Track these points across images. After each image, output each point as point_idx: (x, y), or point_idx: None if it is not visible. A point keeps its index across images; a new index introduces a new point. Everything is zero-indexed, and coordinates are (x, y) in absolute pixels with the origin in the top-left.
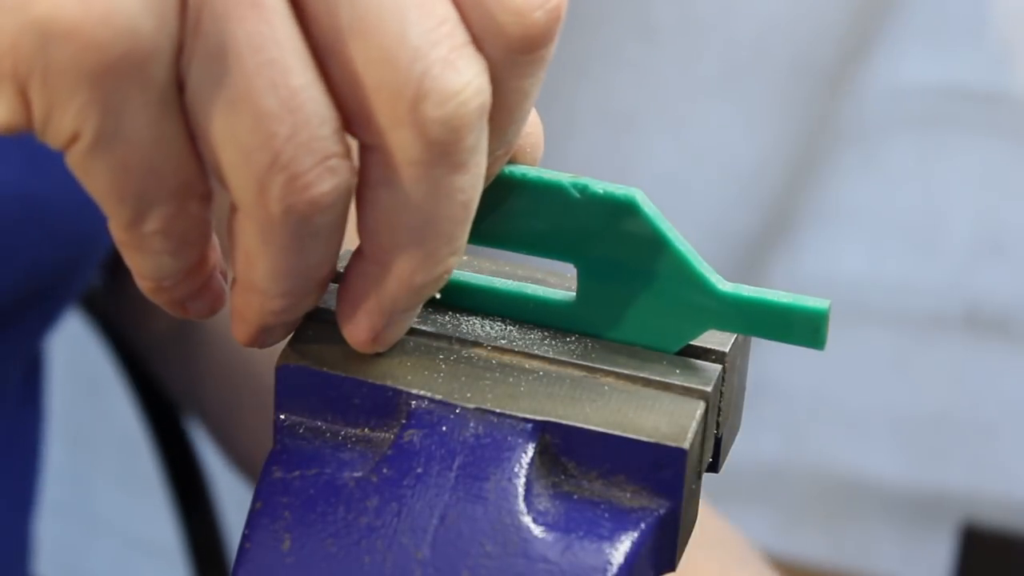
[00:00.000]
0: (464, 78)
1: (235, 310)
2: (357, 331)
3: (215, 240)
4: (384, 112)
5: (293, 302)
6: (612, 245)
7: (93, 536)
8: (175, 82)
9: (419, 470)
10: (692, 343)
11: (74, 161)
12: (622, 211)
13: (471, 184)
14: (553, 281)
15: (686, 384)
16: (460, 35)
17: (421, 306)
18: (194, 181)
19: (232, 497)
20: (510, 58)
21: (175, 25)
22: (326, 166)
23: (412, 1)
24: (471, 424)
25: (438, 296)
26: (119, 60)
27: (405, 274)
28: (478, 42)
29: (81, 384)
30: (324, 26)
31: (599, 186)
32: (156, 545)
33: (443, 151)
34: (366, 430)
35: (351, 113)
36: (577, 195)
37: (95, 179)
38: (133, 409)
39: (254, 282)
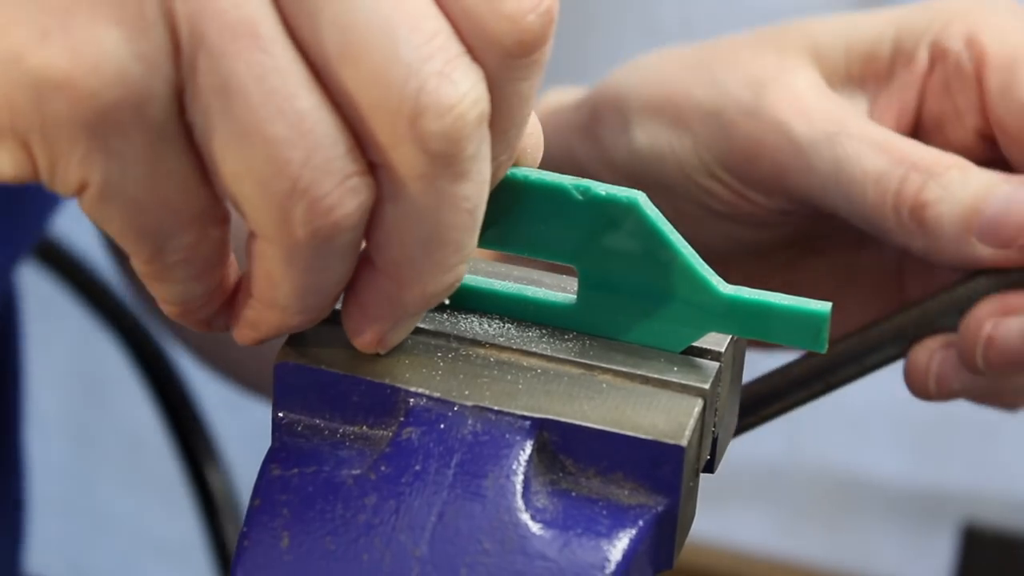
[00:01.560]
0: (460, 89)
1: (247, 320)
2: (364, 335)
3: (231, 255)
4: (384, 131)
5: (312, 317)
6: (614, 247)
7: (98, 534)
8: (178, 121)
9: (417, 468)
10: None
11: (87, 208)
12: (624, 213)
13: (476, 192)
14: (548, 281)
15: (684, 382)
16: (453, 47)
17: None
18: (210, 208)
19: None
20: (506, 63)
21: (169, 67)
22: (347, 186)
23: (400, 18)
24: (469, 422)
25: (447, 302)
26: (113, 107)
27: (416, 284)
28: (473, 51)
29: (85, 383)
30: (315, 52)
31: (601, 188)
32: (161, 542)
33: (445, 163)
34: (364, 428)
35: (354, 133)
36: (579, 197)
37: (111, 223)
38: (137, 407)
39: (275, 301)
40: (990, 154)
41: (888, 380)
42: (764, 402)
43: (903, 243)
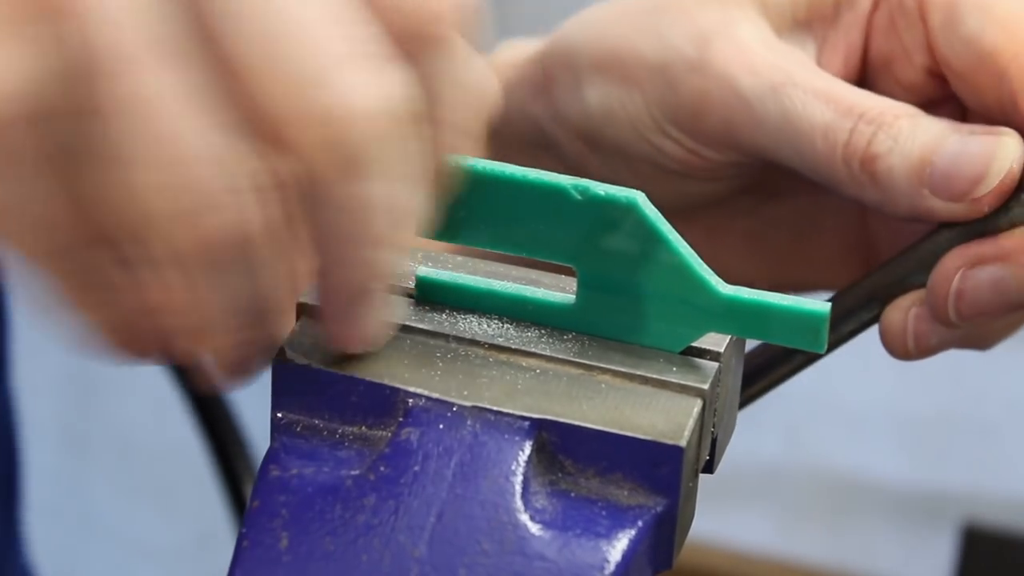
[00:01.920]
0: (374, 91)
1: (206, 362)
2: (336, 337)
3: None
4: (296, 138)
5: (249, 335)
6: (612, 247)
7: (89, 539)
8: (73, 140)
9: (416, 468)
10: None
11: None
12: (623, 213)
13: (396, 191)
14: (547, 282)
15: (683, 382)
16: (365, 46)
17: (389, 295)
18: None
19: None
20: (425, 50)
21: (61, 86)
22: (227, 204)
23: (308, 20)
24: (468, 422)
25: (446, 303)
26: (4, 125)
27: (352, 281)
28: (390, 44)
29: (77, 387)
30: (217, 62)
31: (600, 188)
32: (152, 548)
33: (359, 166)
34: (363, 428)
35: (266, 140)
36: (578, 197)
37: (13, 244)
38: (129, 413)
39: (201, 328)
40: (941, 92)
41: (888, 380)
42: (747, 381)
43: (856, 195)
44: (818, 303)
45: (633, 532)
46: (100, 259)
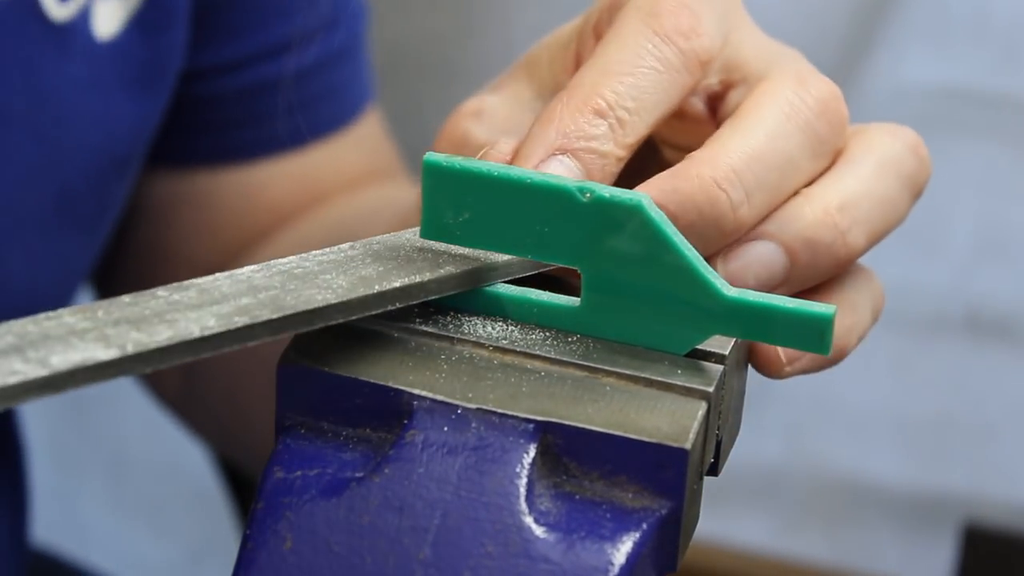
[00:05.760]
0: None
1: None
2: None
3: None
4: None
5: None
6: (617, 250)
7: (82, 556)
8: None
9: (421, 470)
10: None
11: None
12: (628, 216)
13: None
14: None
15: (688, 384)
16: None
17: None
18: None
19: None
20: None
21: None
22: None
23: None
24: (473, 424)
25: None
26: None
27: None
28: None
29: (68, 404)
30: None
31: (606, 191)
32: (146, 564)
33: None
34: (368, 430)
35: None
36: (583, 200)
37: None
38: (121, 428)
39: None
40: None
41: (888, 381)
42: None
43: None
44: (823, 305)
45: (638, 535)
46: None
